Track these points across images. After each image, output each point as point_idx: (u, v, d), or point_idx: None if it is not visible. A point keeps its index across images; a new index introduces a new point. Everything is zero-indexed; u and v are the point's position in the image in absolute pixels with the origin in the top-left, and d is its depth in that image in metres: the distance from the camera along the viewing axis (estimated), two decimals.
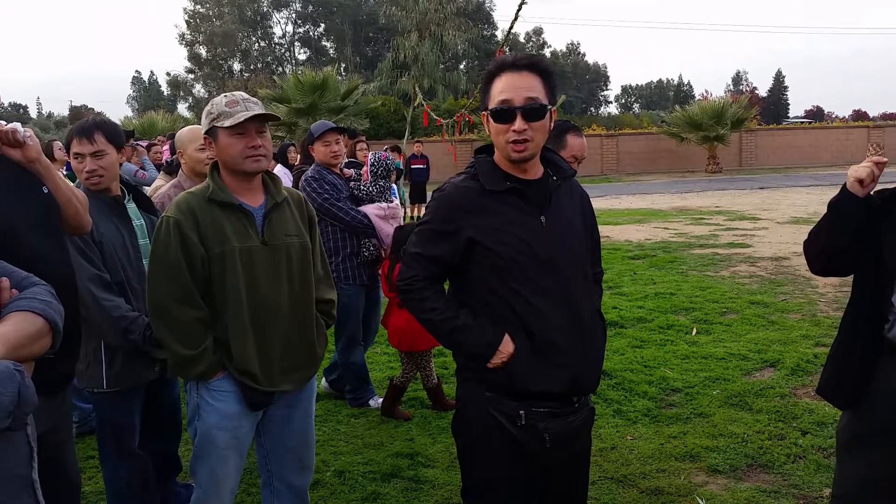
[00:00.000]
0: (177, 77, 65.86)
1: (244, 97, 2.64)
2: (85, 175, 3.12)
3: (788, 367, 5.48)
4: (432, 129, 20.60)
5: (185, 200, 2.60)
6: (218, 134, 2.60)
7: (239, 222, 2.61)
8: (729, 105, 30.69)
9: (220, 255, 2.56)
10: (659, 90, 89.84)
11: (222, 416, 2.64)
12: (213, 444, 2.66)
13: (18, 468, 1.59)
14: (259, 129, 2.61)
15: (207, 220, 2.56)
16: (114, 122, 3.46)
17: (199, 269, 2.55)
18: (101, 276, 3.02)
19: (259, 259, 2.62)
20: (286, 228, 2.71)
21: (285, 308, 2.69)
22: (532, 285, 2.20)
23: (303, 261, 2.75)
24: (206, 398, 2.65)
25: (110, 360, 3.11)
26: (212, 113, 2.62)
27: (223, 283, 2.57)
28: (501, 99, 2.19)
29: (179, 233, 2.53)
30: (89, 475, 4.17)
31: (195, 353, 2.55)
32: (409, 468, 4.10)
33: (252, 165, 2.61)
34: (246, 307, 2.60)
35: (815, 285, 8.40)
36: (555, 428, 2.24)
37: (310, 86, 24.20)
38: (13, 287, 1.69)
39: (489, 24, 63.05)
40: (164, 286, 2.56)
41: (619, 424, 4.62)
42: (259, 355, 2.63)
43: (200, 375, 2.61)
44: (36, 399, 1.50)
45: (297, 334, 2.75)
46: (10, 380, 1.42)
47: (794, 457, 4.03)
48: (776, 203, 18.08)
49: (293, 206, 2.80)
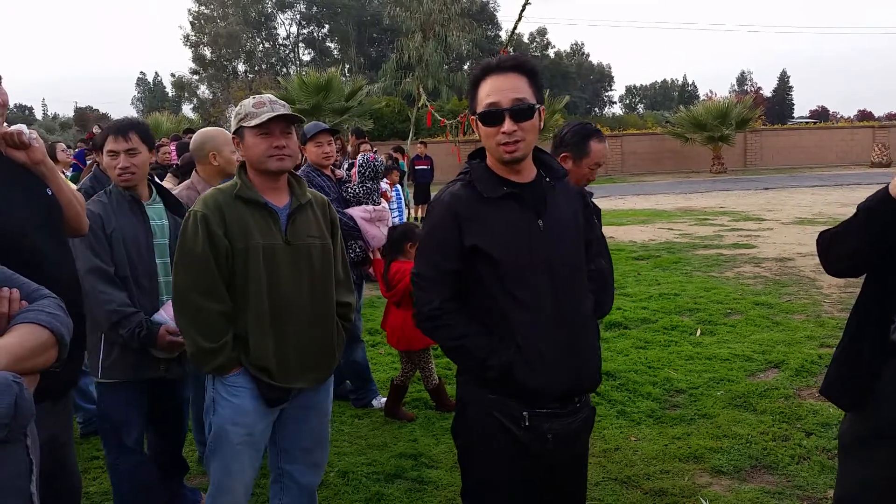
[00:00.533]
0: (181, 78, 65.99)
1: (271, 99, 2.73)
2: (118, 171, 3.21)
3: (793, 368, 5.47)
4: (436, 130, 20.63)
5: (213, 196, 2.68)
6: (245, 134, 2.69)
7: (263, 220, 2.67)
8: (733, 105, 30.64)
9: (243, 250, 2.62)
10: (663, 90, 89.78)
11: (237, 411, 2.67)
12: (226, 439, 2.69)
13: (16, 480, 1.57)
14: (284, 130, 2.70)
15: (233, 216, 2.63)
16: (147, 123, 3.55)
17: (224, 263, 2.61)
18: (102, 268, 3.07)
19: (281, 257, 2.68)
20: (309, 229, 2.78)
21: (305, 307, 2.74)
22: (530, 289, 2.21)
23: (324, 262, 2.81)
24: (222, 393, 2.68)
25: (107, 352, 3.17)
26: (240, 114, 2.72)
27: (245, 278, 2.63)
28: (489, 102, 2.19)
29: (206, 227, 2.59)
30: (94, 476, 4.19)
31: (215, 346, 2.59)
32: (413, 469, 4.11)
33: (276, 164, 2.68)
34: (266, 303, 2.65)
35: (820, 286, 8.39)
36: (558, 428, 2.24)
37: (314, 87, 24.24)
38: (23, 299, 1.69)
39: (493, 24, 63.07)
40: (190, 278, 2.61)
41: (623, 425, 4.61)
42: (276, 352, 2.68)
43: (218, 369, 2.64)
44: (33, 411, 1.49)
45: (316, 334, 2.79)
46: (6, 392, 1.42)
47: (798, 458, 4.03)
48: (781, 204, 18.04)
49: (317, 208, 2.86)
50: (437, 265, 2.28)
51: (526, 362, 2.19)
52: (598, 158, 3.32)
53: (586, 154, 3.29)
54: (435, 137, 26.50)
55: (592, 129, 3.36)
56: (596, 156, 3.31)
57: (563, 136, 3.34)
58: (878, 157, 31.48)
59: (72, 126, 43.52)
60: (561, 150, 3.30)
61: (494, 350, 2.20)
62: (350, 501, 3.78)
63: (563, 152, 3.29)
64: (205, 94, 65.13)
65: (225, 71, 64.28)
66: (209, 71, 64.24)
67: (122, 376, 3.20)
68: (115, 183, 3.25)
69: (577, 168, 3.29)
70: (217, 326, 2.61)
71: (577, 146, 3.28)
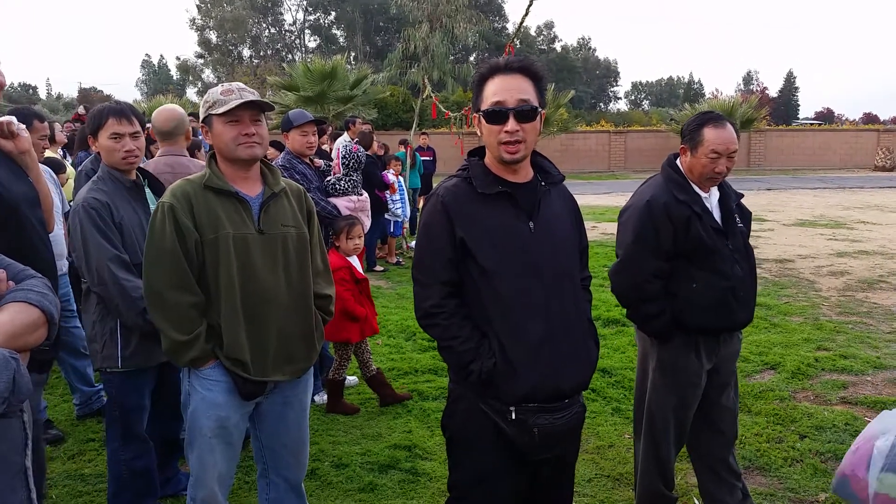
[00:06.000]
0: (186, 62, 65.81)
1: (240, 86, 2.67)
2: (123, 154, 3.19)
3: (789, 371, 5.48)
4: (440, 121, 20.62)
5: (181, 186, 2.62)
6: (213, 122, 2.63)
7: (234, 210, 2.62)
8: (739, 104, 30.61)
9: (213, 240, 2.57)
10: (669, 87, 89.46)
11: (209, 404, 2.65)
12: (199, 432, 2.67)
13: (12, 454, 1.61)
14: (253, 118, 2.64)
15: (202, 205, 2.58)
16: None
17: (194, 254, 2.57)
18: (121, 257, 3.07)
19: (254, 247, 2.63)
20: (284, 218, 2.73)
21: (282, 298, 2.69)
22: (515, 291, 2.22)
23: (300, 251, 2.76)
24: (196, 385, 2.66)
25: (126, 340, 3.17)
26: (208, 101, 2.66)
27: (216, 269, 2.58)
28: (494, 100, 2.21)
29: (174, 218, 2.54)
30: (89, 458, 4.21)
31: (188, 339, 2.56)
32: (407, 460, 4.12)
33: (245, 152, 2.63)
34: (239, 294, 2.60)
35: (819, 289, 8.40)
36: (544, 423, 2.26)
37: (319, 74, 24.14)
38: (10, 279, 1.71)
39: (500, 16, 62.91)
40: (160, 271, 2.56)
41: (618, 423, 4.62)
42: (251, 344, 2.64)
43: (192, 362, 2.61)
44: (31, 387, 1.52)
45: (294, 325, 2.74)
46: (5, 367, 1.45)
47: (791, 460, 4.04)
48: (783, 204, 18.02)
49: (292, 197, 2.81)
50: (433, 260, 2.30)
51: (507, 368, 2.21)
52: (713, 146, 3.03)
53: (700, 142, 3.07)
54: (438, 128, 26.48)
55: (710, 116, 3.11)
56: (711, 143, 3.04)
57: (684, 127, 3.20)
58: (881, 160, 31.48)
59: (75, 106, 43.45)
60: (682, 142, 3.17)
61: (479, 356, 2.22)
62: (343, 491, 3.80)
63: (682, 145, 3.16)
64: (209, 78, 64.97)
65: (230, 56, 64.14)
66: (214, 55, 64.11)
67: (140, 363, 3.22)
68: (113, 166, 3.22)
69: (695, 159, 3.09)
70: (189, 318, 2.57)
71: (692, 135, 3.11)
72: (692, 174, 3.15)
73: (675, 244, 3.08)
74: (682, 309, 3.10)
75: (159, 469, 3.53)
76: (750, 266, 3.23)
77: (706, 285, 3.09)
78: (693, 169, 3.13)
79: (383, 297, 8.40)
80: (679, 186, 3.14)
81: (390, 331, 6.86)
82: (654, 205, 3.08)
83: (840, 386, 5.19)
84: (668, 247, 3.08)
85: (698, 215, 3.08)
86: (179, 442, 3.79)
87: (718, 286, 3.09)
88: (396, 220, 10.56)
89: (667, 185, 3.16)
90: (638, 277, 3.12)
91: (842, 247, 11.47)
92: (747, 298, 3.19)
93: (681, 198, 3.09)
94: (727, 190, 3.30)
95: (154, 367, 3.31)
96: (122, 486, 3.33)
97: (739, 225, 3.24)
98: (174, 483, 3.75)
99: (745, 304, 3.18)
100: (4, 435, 1.58)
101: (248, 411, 2.78)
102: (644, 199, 3.14)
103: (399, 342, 6.53)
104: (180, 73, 68.56)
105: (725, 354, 3.26)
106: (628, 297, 3.21)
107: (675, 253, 3.10)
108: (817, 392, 5.09)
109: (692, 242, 3.07)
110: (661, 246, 3.08)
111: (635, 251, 3.12)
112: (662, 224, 3.06)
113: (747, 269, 3.20)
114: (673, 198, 3.09)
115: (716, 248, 3.09)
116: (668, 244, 3.08)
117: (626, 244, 3.16)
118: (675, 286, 3.12)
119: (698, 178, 3.14)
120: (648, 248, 3.09)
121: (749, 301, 3.21)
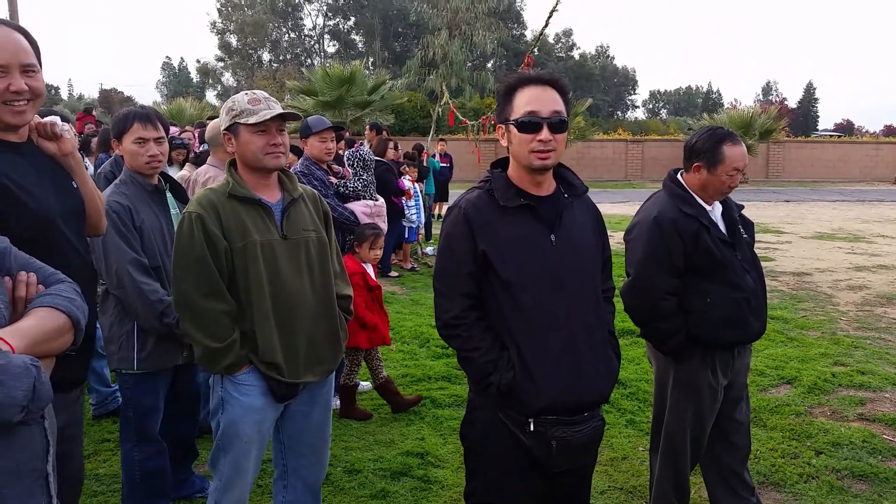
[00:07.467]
0: (206, 65, 66.43)
1: (265, 96, 2.71)
2: (147, 158, 3.23)
3: (805, 385, 5.43)
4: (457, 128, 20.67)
5: (206, 196, 2.65)
6: (239, 130, 2.66)
7: (259, 217, 2.66)
8: (758, 115, 30.43)
9: (242, 248, 2.60)
10: (687, 96, 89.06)
11: (247, 409, 2.68)
12: (237, 437, 2.70)
13: (33, 462, 1.61)
14: (279, 128, 2.69)
15: (229, 214, 2.61)
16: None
17: (224, 262, 2.60)
18: (140, 261, 3.12)
19: (280, 252, 2.67)
20: (304, 223, 2.78)
21: (308, 301, 2.74)
22: (537, 304, 2.23)
23: (321, 254, 2.81)
24: (231, 391, 2.68)
25: (142, 343, 3.21)
26: (234, 110, 2.68)
27: (246, 276, 2.62)
28: (529, 110, 2.22)
29: (203, 227, 2.57)
30: (104, 458, 4.24)
31: (223, 346, 2.59)
32: (419, 467, 4.12)
33: (272, 162, 2.68)
34: (269, 300, 2.64)
35: (837, 303, 8.32)
36: (562, 436, 2.26)
37: (337, 79, 24.28)
38: (39, 283, 1.73)
39: (519, 23, 62.97)
40: (191, 280, 2.59)
41: (632, 435, 4.60)
42: (283, 347, 2.68)
43: (227, 368, 2.64)
44: (51, 394, 1.52)
45: (320, 327, 2.80)
46: (25, 374, 1.45)
47: (806, 476, 4.00)
48: (801, 217, 17.89)
49: (308, 201, 2.87)
50: (454, 272, 2.31)
51: (527, 380, 2.21)
52: (735, 163, 3.06)
53: (720, 161, 3.06)
54: (455, 135, 26.51)
55: (724, 133, 3.13)
56: (733, 160, 3.06)
57: (692, 144, 3.16)
58: None
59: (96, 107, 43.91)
60: (693, 160, 3.13)
61: (498, 368, 2.23)
62: (355, 497, 3.80)
63: (695, 162, 3.13)
64: (229, 81, 65.51)
65: (250, 59, 64.63)
66: (234, 59, 64.62)
67: (155, 366, 3.26)
68: (137, 170, 3.26)
69: (713, 176, 3.09)
70: (222, 326, 2.59)
71: (710, 153, 3.09)
72: (705, 190, 3.15)
73: (686, 259, 3.07)
74: (697, 324, 3.08)
75: (173, 471, 3.55)
76: (759, 276, 3.23)
77: (720, 299, 3.08)
78: (709, 185, 3.12)
79: (398, 302, 8.40)
80: (684, 201, 3.14)
81: (404, 337, 6.86)
82: (663, 220, 3.08)
83: (857, 402, 5.14)
84: (680, 262, 3.07)
85: (706, 228, 3.08)
86: (193, 444, 3.82)
87: (732, 298, 3.08)
88: (411, 226, 10.58)
89: (672, 199, 3.16)
90: (652, 295, 3.10)
91: (860, 261, 11.36)
92: (760, 309, 3.19)
93: (688, 212, 3.09)
94: (729, 202, 3.32)
95: (169, 369, 3.35)
96: (136, 486, 3.35)
97: (745, 235, 3.24)
98: (188, 485, 3.76)
99: (758, 314, 3.17)
100: (25, 443, 1.59)
101: (278, 415, 2.81)
102: (651, 215, 3.13)
103: (413, 348, 6.53)
104: (200, 76, 69.12)
105: (738, 368, 3.25)
106: (642, 316, 3.20)
107: (686, 268, 3.09)
108: (834, 408, 5.04)
109: (702, 256, 3.06)
110: (672, 262, 3.07)
111: (647, 269, 3.10)
112: (672, 240, 3.05)
113: (757, 278, 3.20)
114: (680, 213, 3.09)
115: (726, 260, 3.09)
116: (680, 260, 3.07)
117: (637, 262, 3.14)
118: (688, 302, 3.11)
119: (713, 193, 3.14)
120: (660, 265, 3.08)
121: (762, 311, 3.21)
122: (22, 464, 1.58)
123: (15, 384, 1.43)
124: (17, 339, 1.52)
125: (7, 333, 1.53)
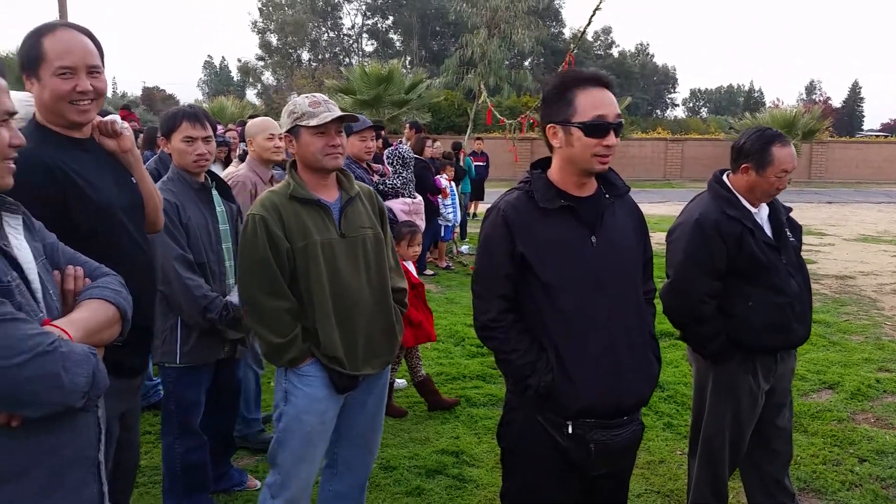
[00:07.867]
0: (247, 64, 67.17)
1: (324, 99, 2.81)
2: (195, 157, 3.31)
3: (848, 391, 5.32)
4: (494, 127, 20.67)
5: (269, 198, 2.75)
6: (301, 132, 2.75)
7: (318, 217, 2.76)
8: (801, 115, 29.83)
9: (303, 248, 2.70)
10: (729, 95, 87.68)
11: (311, 399, 2.76)
12: (301, 428, 2.78)
13: (87, 450, 1.68)
14: (338, 129, 2.78)
15: (290, 216, 2.71)
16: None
17: (286, 262, 2.70)
18: (186, 257, 3.20)
19: (339, 251, 2.77)
20: (361, 221, 2.87)
21: (366, 297, 2.83)
22: (577, 306, 2.21)
23: (378, 251, 2.90)
24: (295, 383, 2.77)
25: (186, 337, 3.29)
26: (295, 112, 2.77)
27: (307, 276, 2.71)
28: (597, 114, 2.19)
29: (266, 229, 2.67)
30: (145, 450, 4.32)
31: (285, 341, 2.69)
32: (454, 466, 4.14)
33: (332, 163, 2.77)
34: (329, 299, 2.74)
35: (881, 307, 8.13)
36: (601, 439, 2.25)
37: (375, 78, 24.44)
38: (86, 276, 1.79)
39: (557, 20, 62.59)
40: (255, 280, 2.70)
41: (669, 438, 4.56)
42: (344, 343, 2.77)
43: (290, 361, 2.74)
44: (108, 382, 1.60)
45: (378, 321, 2.88)
46: (86, 362, 1.53)
47: (849, 484, 3.92)
48: (844, 219, 17.51)
49: (365, 199, 2.95)
50: (492, 274, 2.31)
51: (566, 382, 2.20)
52: (784, 165, 3.01)
53: (770, 162, 3.02)
54: (491, 133, 26.47)
55: (773, 134, 3.08)
56: (782, 162, 3.01)
57: (741, 145, 3.11)
58: None
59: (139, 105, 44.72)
60: (741, 161, 3.09)
61: (536, 370, 2.22)
62: (391, 494, 3.83)
63: (743, 163, 3.08)
64: (269, 80, 66.25)
65: (289, 58, 65.25)
66: (274, 58, 65.29)
67: (199, 360, 3.34)
68: (184, 168, 3.33)
69: (762, 178, 3.04)
70: (285, 323, 2.70)
71: (758, 155, 3.04)
72: (752, 192, 3.09)
73: (728, 262, 3.02)
74: (738, 328, 3.04)
75: (213, 464, 3.62)
76: (805, 280, 3.16)
77: (762, 303, 3.03)
78: (756, 187, 3.07)
79: (433, 301, 8.42)
80: (728, 203, 3.09)
81: (439, 335, 6.86)
82: (705, 222, 3.03)
83: None
84: (721, 265, 3.03)
85: (751, 231, 3.03)
86: (233, 439, 3.88)
87: (775, 303, 3.03)
88: (447, 225, 10.59)
89: (716, 201, 3.11)
90: (692, 298, 3.07)
91: None
92: (804, 313, 3.13)
93: (731, 214, 3.04)
94: (776, 204, 3.25)
95: (211, 364, 3.41)
96: (176, 479, 3.41)
97: (791, 239, 3.18)
98: (227, 479, 3.83)
99: (802, 319, 3.11)
100: (82, 430, 1.65)
101: (339, 406, 2.88)
102: (693, 217, 3.09)
103: (448, 347, 6.55)
104: (241, 75, 69.94)
105: (782, 373, 3.20)
106: (682, 318, 3.16)
107: (728, 271, 3.05)
108: (878, 415, 4.93)
109: (746, 259, 3.01)
110: (714, 265, 3.03)
111: (687, 271, 3.07)
112: (714, 242, 3.01)
113: (802, 283, 3.13)
114: (723, 214, 3.04)
115: (770, 263, 3.03)
116: (721, 262, 3.02)
117: (678, 264, 3.11)
118: (729, 305, 3.06)
119: (760, 195, 3.09)
120: (701, 268, 3.04)
121: (806, 316, 3.14)
122: (78, 452, 1.64)
123: (78, 371, 1.50)
124: (73, 329, 1.59)
125: (64, 323, 1.60)
